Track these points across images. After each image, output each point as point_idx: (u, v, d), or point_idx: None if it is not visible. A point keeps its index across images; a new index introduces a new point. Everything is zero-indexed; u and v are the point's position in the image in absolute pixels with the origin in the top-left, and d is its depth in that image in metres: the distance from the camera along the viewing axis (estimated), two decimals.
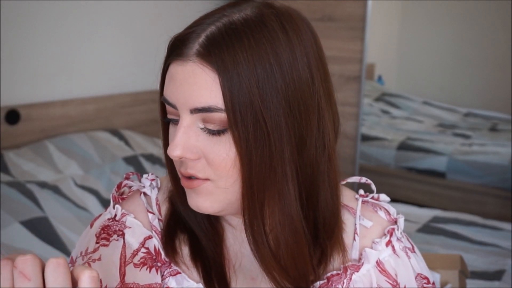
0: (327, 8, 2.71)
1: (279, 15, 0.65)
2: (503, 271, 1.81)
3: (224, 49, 0.61)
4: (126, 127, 2.56)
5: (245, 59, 0.61)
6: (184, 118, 0.64)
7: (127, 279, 0.70)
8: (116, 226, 0.73)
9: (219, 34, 0.62)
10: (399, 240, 0.76)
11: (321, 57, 0.69)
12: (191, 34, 0.63)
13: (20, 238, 1.66)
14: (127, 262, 0.71)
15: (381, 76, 3.52)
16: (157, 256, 0.72)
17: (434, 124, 3.48)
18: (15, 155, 2.04)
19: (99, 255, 0.72)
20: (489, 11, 3.21)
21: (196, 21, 0.66)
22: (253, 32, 0.62)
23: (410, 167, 3.11)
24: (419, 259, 0.78)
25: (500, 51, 3.20)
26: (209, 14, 0.66)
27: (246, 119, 0.61)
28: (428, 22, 3.46)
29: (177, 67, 0.64)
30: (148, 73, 2.72)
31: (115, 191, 0.77)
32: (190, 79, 0.62)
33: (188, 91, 0.63)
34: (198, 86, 0.62)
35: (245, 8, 0.65)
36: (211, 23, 0.64)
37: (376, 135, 3.27)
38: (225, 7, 0.66)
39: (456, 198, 2.96)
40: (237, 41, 0.61)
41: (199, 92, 0.62)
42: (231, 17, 0.64)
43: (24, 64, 2.21)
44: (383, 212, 0.78)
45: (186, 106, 0.63)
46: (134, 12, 2.62)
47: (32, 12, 2.20)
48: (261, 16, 0.64)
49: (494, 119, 3.38)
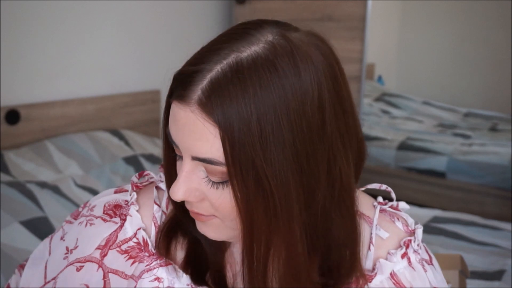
0: (327, 8, 2.71)
1: (294, 52, 0.60)
2: (503, 271, 1.81)
3: (227, 101, 0.57)
4: (126, 127, 2.56)
5: (249, 113, 0.57)
6: (186, 162, 0.61)
7: (106, 261, 0.73)
8: (124, 210, 0.75)
9: (224, 81, 0.57)
10: (415, 252, 0.74)
11: (338, 92, 0.63)
12: (196, 74, 0.59)
13: (20, 238, 1.66)
14: (114, 246, 0.73)
15: (381, 76, 3.52)
16: (145, 247, 0.74)
17: (434, 124, 3.48)
18: (15, 155, 2.04)
19: (94, 222, 0.75)
20: (489, 11, 3.21)
21: (203, 53, 0.61)
22: (261, 79, 0.57)
23: (410, 167, 3.11)
24: (436, 271, 0.76)
25: (500, 51, 3.20)
26: (218, 45, 0.61)
27: (247, 177, 0.58)
28: (428, 22, 3.47)
29: (179, 110, 0.60)
30: (148, 73, 2.72)
31: (136, 178, 0.78)
32: (191, 127, 0.59)
33: (189, 138, 0.60)
34: (199, 136, 0.59)
35: (257, 41, 0.60)
36: (218, 61, 0.59)
37: (376, 135, 3.27)
38: (236, 35, 0.61)
39: (456, 198, 2.96)
40: (241, 91, 0.57)
41: (200, 143, 0.59)
42: (240, 55, 0.58)
43: (24, 64, 2.21)
44: (400, 222, 0.76)
45: (188, 152, 0.61)
46: (134, 12, 2.62)
47: (32, 12, 2.20)
48: (273, 55, 0.59)
49: (494, 119, 3.38)
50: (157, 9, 2.72)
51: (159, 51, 2.75)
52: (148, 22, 2.69)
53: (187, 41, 2.86)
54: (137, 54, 2.67)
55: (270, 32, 0.61)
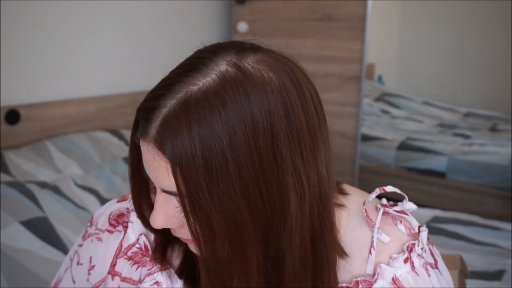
0: (327, 8, 2.71)
1: (243, 83, 0.59)
2: (503, 271, 1.81)
3: (174, 137, 0.58)
4: (126, 127, 2.56)
5: (194, 148, 0.57)
6: (159, 192, 0.64)
7: (117, 268, 0.76)
8: (126, 218, 0.78)
9: (173, 117, 0.58)
10: (419, 256, 0.72)
11: (294, 119, 0.61)
12: (152, 111, 0.61)
13: (20, 238, 1.66)
14: (121, 254, 0.76)
15: (381, 76, 3.52)
16: (146, 251, 0.76)
17: (434, 124, 3.48)
18: (15, 155, 2.04)
19: (103, 238, 0.78)
20: (489, 11, 3.21)
21: (160, 87, 0.63)
22: (207, 113, 0.57)
23: (410, 167, 3.11)
24: (440, 276, 0.74)
25: (500, 51, 3.20)
26: (173, 79, 0.62)
27: (198, 210, 0.59)
28: (428, 22, 3.46)
29: (142, 146, 0.62)
30: (148, 73, 2.72)
31: None
32: (152, 162, 0.61)
33: (153, 172, 0.62)
34: (159, 171, 0.60)
35: (210, 72, 0.60)
36: (171, 97, 0.60)
37: (376, 135, 3.27)
38: (190, 66, 0.62)
39: (456, 198, 2.96)
40: (186, 127, 0.57)
41: (161, 177, 0.61)
42: (190, 90, 0.59)
43: (24, 64, 2.21)
44: (403, 225, 0.74)
45: (158, 184, 0.63)
46: (134, 12, 2.62)
47: (32, 12, 2.20)
48: (222, 88, 0.58)
49: (494, 119, 3.38)
50: (157, 9, 2.72)
51: (159, 51, 2.75)
52: (148, 22, 2.69)
53: (187, 41, 2.87)
54: (137, 54, 2.67)
55: (224, 60, 0.61)
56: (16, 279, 1.57)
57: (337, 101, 2.69)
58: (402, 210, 0.75)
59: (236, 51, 0.62)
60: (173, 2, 2.78)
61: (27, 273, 1.58)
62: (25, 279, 1.57)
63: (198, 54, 0.64)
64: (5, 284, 1.55)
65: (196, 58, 0.63)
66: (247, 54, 0.62)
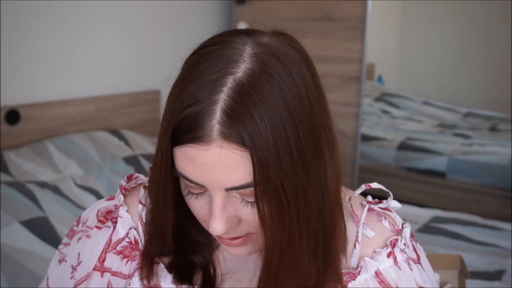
0: (327, 8, 2.71)
1: (279, 56, 0.61)
2: (503, 271, 1.81)
3: (247, 123, 0.57)
4: (126, 127, 2.56)
5: (265, 127, 0.57)
6: (218, 196, 0.61)
7: (106, 264, 0.76)
8: (115, 214, 0.78)
9: (236, 106, 0.57)
10: (402, 251, 0.74)
11: (318, 85, 0.65)
12: (203, 111, 0.57)
13: (20, 238, 1.66)
14: (110, 248, 0.76)
15: (381, 76, 3.52)
16: (136, 245, 0.76)
17: (434, 124, 3.48)
18: (15, 155, 2.04)
19: (90, 234, 0.78)
20: (489, 11, 3.21)
21: (193, 90, 0.59)
22: (264, 91, 0.58)
23: (410, 167, 3.11)
24: (423, 271, 0.76)
25: (500, 51, 3.20)
26: (206, 76, 0.59)
27: (270, 193, 0.59)
28: (428, 22, 3.46)
29: (199, 152, 0.58)
30: (148, 73, 2.72)
31: (124, 181, 0.81)
32: (221, 162, 0.58)
33: (221, 173, 0.59)
34: (233, 167, 0.58)
35: (241, 58, 0.59)
36: (217, 91, 0.57)
37: (376, 135, 3.27)
38: (215, 60, 0.60)
39: (456, 198, 2.96)
40: (254, 110, 0.57)
41: (236, 172, 0.58)
42: (236, 77, 0.58)
43: (24, 64, 2.21)
44: (387, 221, 0.76)
45: (219, 186, 0.60)
46: (134, 12, 2.62)
47: (32, 12, 2.20)
48: (265, 65, 0.59)
49: (494, 119, 3.38)
50: (157, 9, 2.72)
51: (159, 51, 2.75)
52: (148, 22, 2.69)
53: (187, 41, 2.86)
54: (137, 54, 2.67)
55: (246, 44, 0.61)
56: (16, 279, 1.57)
57: (337, 101, 2.69)
58: (387, 207, 0.78)
59: (247, 34, 0.63)
60: (173, 2, 2.78)
61: (27, 273, 1.58)
62: (25, 279, 1.57)
63: (212, 49, 0.62)
64: (5, 284, 1.55)
65: (214, 52, 0.61)
66: (258, 35, 0.63)
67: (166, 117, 0.61)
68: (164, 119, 0.61)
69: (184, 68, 0.63)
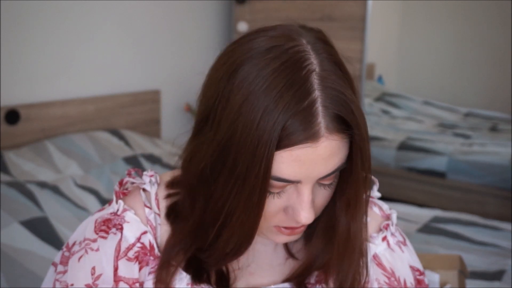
0: (327, 8, 2.71)
1: (325, 39, 0.67)
2: (503, 271, 1.81)
3: (345, 106, 0.62)
4: (126, 127, 2.56)
5: (353, 100, 0.63)
6: (308, 187, 0.64)
7: (120, 272, 0.72)
8: (116, 220, 0.74)
9: (330, 97, 0.61)
10: (393, 235, 0.80)
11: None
12: (308, 114, 0.60)
13: (20, 238, 1.66)
14: (121, 256, 0.73)
15: (381, 76, 3.52)
16: (151, 250, 0.74)
17: (434, 124, 3.48)
18: (15, 155, 2.04)
19: (97, 246, 0.73)
20: (489, 11, 3.21)
21: (292, 95, 0.61)
22: (337, 74, 0.63)
23: (410, 167, 3.11)
24: (410, 251, 0.82)
25: (500, 51, 3.20)
26: (294, 79, 0.61)
27: (363, 167, 0.66)
28: (428, 22, 3.46)
29: (308, 150, 0.61)
30: (148, 73, 2.72)
31: (117, 187, 0.78)
32: (325, 155, 0.62)
33: (322, 165, 0.62)
34: (333, 156, 0.62)
35: (307, 51, 0.63)
36: (312, 90, 0.61)
37: (376, 135, 3.27)
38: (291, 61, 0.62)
39: (456, 198, 2.96)
40: (342, 92, 0.62)
41: (332, 161, 0.63)
42: (316, 70, 0.62)
43: (24, 64, 2.21)
44: (377, 208, 0.82)
45: (316, 177, 0.64)
46: (134, 12, 2.62)
47: (32, 12, 2.20)
48: (324, 52, 0.64)
49: (494, 119, 3.38)
50: (157, 9, 2.72)
51: (159, 51, 2.75)
52: (148, 22, 2.69)
53: (187, 41, 2.87)
54: (137, 54, 2.67)
55: (303, 40, 0.65)
56: (16, 279, 1.57)
57: None
58: (371, 196, 0.83)
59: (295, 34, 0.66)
60: (173, 2, 2.78)
61: (27, 273, 1.58)
62: (25, 279, 1.57)
63: (281, 53, 0.63)
64: (5, 284, 1.55)
65: (285, 54, 0.63)
66: (298, 31, 0.67)
67: (257, 127, 0.60)
68: (254, 129, 0.60)
69: (253, 77, 0.62)
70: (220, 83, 0.64)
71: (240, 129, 0.61)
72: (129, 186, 0.79)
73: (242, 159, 0.61)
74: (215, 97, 0.64)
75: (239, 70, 0.63)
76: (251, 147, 0.61)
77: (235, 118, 0.62)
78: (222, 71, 0.65)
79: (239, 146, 0.61)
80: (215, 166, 0.64)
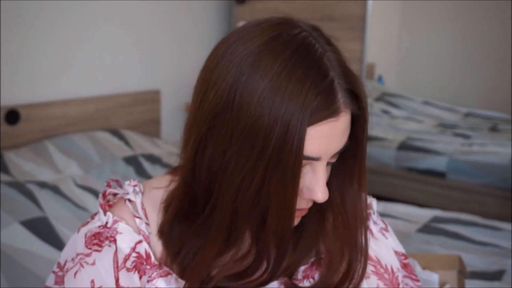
0: (327, 8, 2.71)
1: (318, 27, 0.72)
2: (503, 271, 1.81)
3: (356, 82, 0.67)
4: (126, 127, 2.56)
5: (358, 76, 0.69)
6: (324, 164, 0.68)
7: (121, 283, 0.71)
8: (107, 233, 0.73)
9: (343, 76, 0.66)
10: (375, 223, 0.82)
11: None
12: (329, 93, 0.65)
13: (20, 238, 1.66)
14: (120, 267, 0.72)
15: (381, 76, 3.52)
16: (147, 259, 0.73)
17: (434, 124, 3.48)
18: (15, 155, 2.04)
19: (93, 260, 0.72)
20: (489, 11, 3.22)
21: (312, 80, 0.65)
22: (342, 55, 0.69)
23: (410, 167, 3.11)
24: (393, 237, 0.84)
25: (500, 51, 3.20)
26: (310, 64, 0.66)
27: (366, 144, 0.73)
28: (428, 22, 3.47)
29: (331, 124, 0.66)
30: (148, 73, 2.72)
31: (101, 199, 0.77)
32: (343, 129, 0.67)
33: (341, 139, 0.67)
34: (347, 132, 0.68)
35: (313, 36, 0.69)
36: (327, 72, 0.66)
37: (376, 135, 3.27)
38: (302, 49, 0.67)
39: (456, 198, 2.96)
40: (349, 69, 0.67)
41: (345, 137, 0.68)
42: (326, 53, 0.67)
43: (24, 64, 2.21)
44: None
45: (330, 154, 0.68)
46: (134, 12, 2.62)
47: (32, 12, 2.20)
48: (328, 35, 0.71)
49: (494, 119, 3.38)
50: (157, 9, 2.72)
51: (159, 51, 2.75)
52: (148, 22, 2.69)
53: (187, 41, 2.87)
54: (137, 54, 2.67)
55: (306, 27, 0.70)
56: (16, 279, 1.57)
57: None
58: None
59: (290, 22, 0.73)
60: (173, 2, 2.78)
61: (27, 273, 1.58)
62: (25, 279, 1.57)
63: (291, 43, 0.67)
64: (5, 284, 1.55)
65: (295, 42, 0.67)
66: (292, 20, 0.73)
67: (286, 110, 0.64)
68: (282, 112, 0.64)
69: (270, 65, 0.65)
70: (234, 75, 0.66)
71: (268, 112, 0.63)
72: (110, 198, 0.78)
73: (274, 140, 0.64)
74: (228, 89, 0.65)
75: (250, 59, 0.66)
76: (282, 127, 0.63)
77: (259, 103, 0.64)
78: (233, 64, 0.66)
79: (268, 129, 0.63)
80: (240, 153, 0.65)
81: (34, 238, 1.68)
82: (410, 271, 0.83)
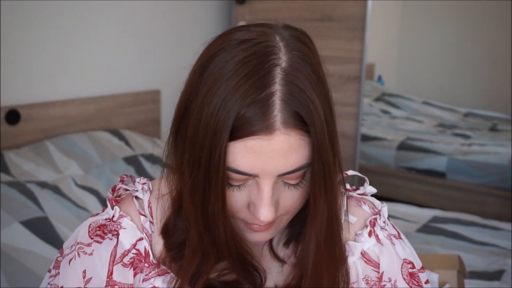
0: (327, 8, 2.71)
1: (304, 42, 0.66)
2: (503, 271, 1.81)
3: (304, 104, 0.61)
4: (126, 127, 2.56)
5: (317, 103, 0.62)
6: (268, 183, 0.63)
7: (115, 277, 0.72)
8: (112, 226, 0.74)
9: (291, 92, 0.60)
10: (383, 228, 0.78)
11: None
12: (264, 105, 0.60)
13: (20, 238, 1.66)
14: (116, 261, 0.72)
15: (381, 76, 3.52)
16: (146, 257, 0.73)
17: (434, 124, 3.48)
18: (15, 155, 2.04)
19: (91, 250, 0.73)
20: (489, 11, 3.21)
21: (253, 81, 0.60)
22: (307, 74, 0.62)
23: (410, 167, 3.11)
24: (405, 244, 0.79)
25: (500, 51, 3.20)
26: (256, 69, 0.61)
27: (327, 166, 0.64)
28: (428, 22, 3.46)
29: (262, 142, 0.60)
30: (148, 73, 2.72)
31: (110, 194, 0.78)
32: (282, 150, 0.61)
33: (279, 160, 0.61)
34: (292, 152, 0.61)
35: (277, 47, 0.62)
36: (272, 82, 0.60)
37: (376, 135, 3.27)
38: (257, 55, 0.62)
39: (456, 198, 2.96)
40: (306, 91, 0.61)
41: (291, 158, 0.62)
42: (282, 65, 0.61)
43: (24, 64, 2.21)
44: (367, 206, 0.80)
45: (274, 173, 0.62)
46: (134, 12, 2.62)
47: (32, 12, 2.20)
48: (298, 51, 0.63)
49: (494, 119, 3.38)
50: (157, 9, 2.72)
51: (159, 51, 2.75)
52: (148, 22, 2.69)
53: (187, 41, 2.87)
54: (137, 54, 2.67)
55: (276, 39, 0.64)
56: (16, 279, 1.57)
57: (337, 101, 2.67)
58: (364, 193, 0.81)
59: (272, 30, 0.66)
60: (173, 2, 2.78)
61: (27, 273, 1.58)
62: (25, 279, 1.57)
63: (250, 45, 0.63)
64: (5, 284, 1.55)
65: (254, 47, 0.62)
66: (275, 26, 0.67)
67: (216, 116, 0.60)
68: (213, 118, 0.60)
69: (219, 68, 0.62)
70: (194, 77, 0.65)
71: (204, 119, 0.61)
72: (121, 192, 0.79)
73: (204, 150, 0.61)
74: (189, 92, 0.65)
75: (210, 62, 0.64)
76: (209, 136, 0.61)
77: (200, 109, 0.62)
78: (197, 65, 0.66)
79: (202, 137, 0.61)
80: (189, 162, 0.64)
81: (34, 238, 1.68)
82: (417, 282, 0.77)
